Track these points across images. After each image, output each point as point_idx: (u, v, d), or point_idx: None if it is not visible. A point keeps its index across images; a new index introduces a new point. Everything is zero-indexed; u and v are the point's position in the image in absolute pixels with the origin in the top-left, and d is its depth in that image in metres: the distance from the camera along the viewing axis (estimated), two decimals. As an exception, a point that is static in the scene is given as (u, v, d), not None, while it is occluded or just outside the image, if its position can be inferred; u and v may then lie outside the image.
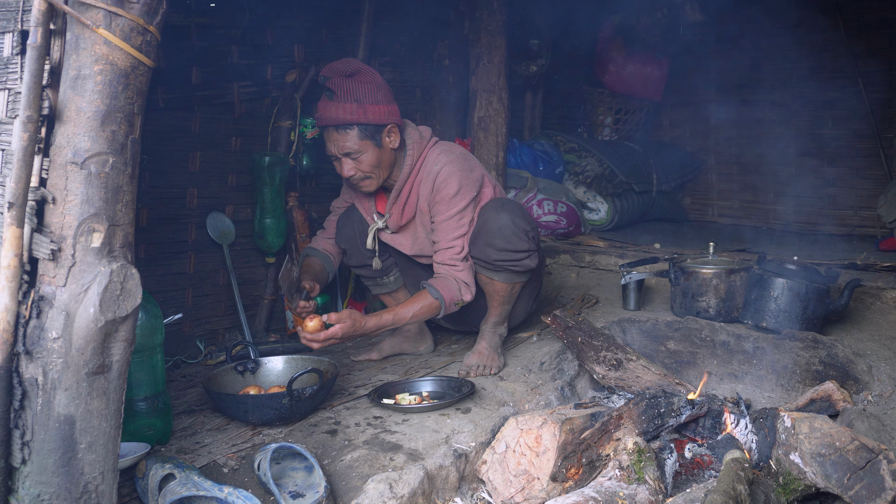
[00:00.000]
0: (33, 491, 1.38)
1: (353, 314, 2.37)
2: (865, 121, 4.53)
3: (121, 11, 1.38)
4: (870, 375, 2.46)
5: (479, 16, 3.89)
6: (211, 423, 2.24)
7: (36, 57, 1.34)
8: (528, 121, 4.84)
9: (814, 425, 1.81)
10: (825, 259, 3.42)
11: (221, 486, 1.72)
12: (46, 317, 1.37)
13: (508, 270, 2.56)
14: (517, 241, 2.50)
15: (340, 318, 2.34)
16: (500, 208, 2.52)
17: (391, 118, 2.49)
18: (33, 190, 1.36)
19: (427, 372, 2.67)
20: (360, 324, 2.38)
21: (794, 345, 2.59)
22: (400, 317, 2.48)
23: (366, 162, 2.50)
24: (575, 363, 2.68)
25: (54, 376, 1.37)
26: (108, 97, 1.39)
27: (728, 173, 5.09)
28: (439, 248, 2.57)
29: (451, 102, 3.99)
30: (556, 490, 1.90)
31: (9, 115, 1.46)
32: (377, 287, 2.89)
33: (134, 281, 1.42)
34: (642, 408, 2.08)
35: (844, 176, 4.66)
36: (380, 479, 1.82)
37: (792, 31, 4.60)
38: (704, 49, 4.85)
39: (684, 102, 5.19)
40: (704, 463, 2.02)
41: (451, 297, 2.52)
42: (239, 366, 2.43)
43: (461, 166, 2.56)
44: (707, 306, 2.89)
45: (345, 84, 2.44)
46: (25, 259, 1.37)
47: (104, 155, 1.39)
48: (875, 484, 1.66)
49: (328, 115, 2.45)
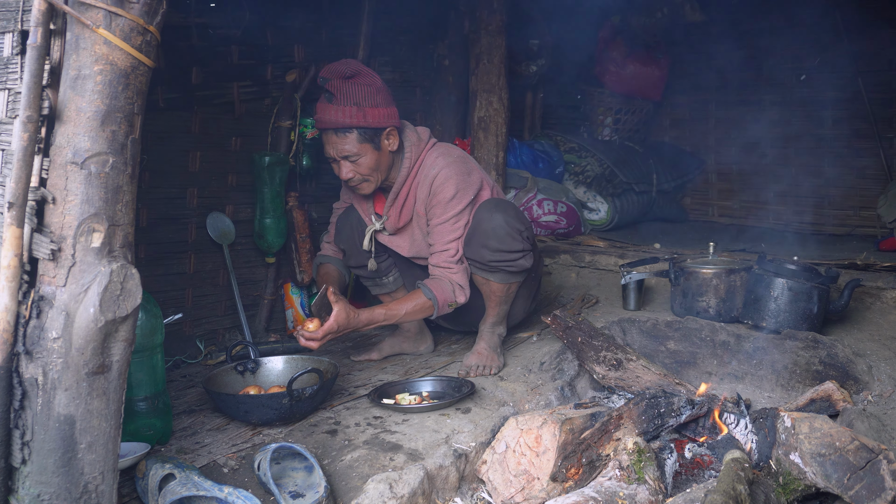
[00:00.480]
0: (33, 491, 1.38)
1: (346, 307, 2.39)
2: (865, 121, 4.53)
3: (121, 11, 1.38)
4: (870, 375, 2.46)
5: (479, 16, 3.89)
6: (211, 423, 2.24)
7: (36, 57, 1.34)
8: (528, 121, 4.84)
9: (814, 425, 1.81)
10: (825, 259, 3.42)
11: (221, 486, 1.72)
12: (46, 317, 1.37)
13: (503, 271, 2.56)
14: (511, 241, 2.50)
15: (335, 312, 2.36)
16: (494, 209, 2.52)
17: (390, 121, 2.49)
18: (33, 190, 1.36)
19: (427, 372, 2.67)
20: (352, 316, 2.40)
21: (794, 345, 2.59)
22: (392, 313, 2.50)
23: (364, 165, 2.50)
24: (575, 363, 2.68)
25: (54, 376, 1.37)
26: (108, 97, 1.39)
27: (728, 173, 5.09)
28: (434, 250, 2.58)
29: (451, 102, 3.99)
30: (556, 490, 1.90)
31: (9, 115, 1.46)
32: (376, 287, 2.89)
33: (134, 281, 1.42)
34: (642, 408, 2.08)
35: (844, 176, 4.65)
36: (380, 479, 1.82)
37: (792, 31, 4.61)
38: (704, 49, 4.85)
39: (684, 102, 5.19)
40: (704, 463, 2.02)
41: (444, 298, 2.53)
42: (239, 366, 2.43)
43: (458, 169, 2.56)
44: (707, 306, 2.89)
45: (344, 87, 2.43)
46: (25, 259, 1.37)
47: (104, 155, 1.39)
48: (875, 484, 1.66)
49: (327, 119, 2.45)
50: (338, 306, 2.37)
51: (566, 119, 5.14)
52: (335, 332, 2.37)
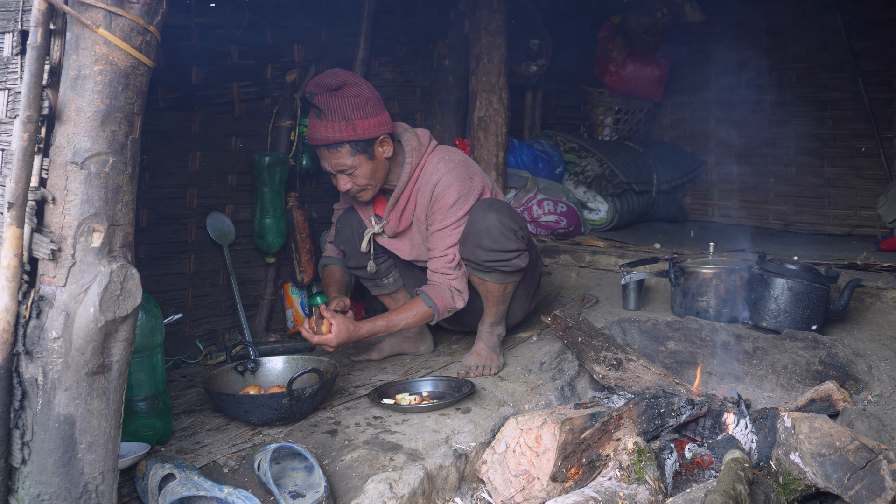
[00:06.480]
0: (33, 491, 1.38)
1: (345, 322, 2.40)
2: (865, 121, 4.53)
3: (121, 11, 1.38)
4: (870, 375, 2.46)
5: (479, 16, 3.89)
6: (211, 423, 2.24)
7: (36, 57, 1.34)
8: (528, 121, 4.84)
9: (814, 425, 1.81)
10: (825, 259, 3.41)
11: (221, 486, 1.72)
12: (46, 317, 1.37)
13: (499, 271, 2.56)
14: (506, 241, 2.50)
15: (335, 329, 2.38)
16: (488, 209, 2.52)
17: (381, 129, 2.48)
18: (33, 190, 1.36)
19: (427, 372, 2.67)
20: (353, 330, 2.42)
21: (794, 345, 2.59)
22: (393, 323, 2.52)
23: (360, 175, 2.50)
24: (575, 363, 2.68)
25: (54, 376, 1.37)
26: (108, 97, 1.39)
27: (728, 173, 5.09)
28: (433, 255, 2.59)
29: (451, 102, 3.99)
30: (556, 490, 1.90)
31: (9, 115, 1.46)
32: (376, 288, 2.89)
33: (134, 281, 1.42)
34: (642, 408, 2.08)
35: (844, 176, 4.66)
36: (380, 479, 1.82)
37: (792, 30, 4.61)
38: (704, 49, 4.85)
39: (684, 102, 5.19)
40: (704, 463, 2.02)
41: (444, 304, 2.55)
42: (239, 366, 2.43)
43: (460, 175, 2.56)
44: (707, 306, 2.89)
45: (331, 101, 2.41)
46: (25, 259, 1.37)
47: (104, 155, 1.39)
48: (875, 484, 1.66)
49: (318, 135, 2.45)
50: (336, 321, 2.38)
51: (566, 119, 5.14)
52: (334, 347, 2.40)
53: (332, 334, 2.37)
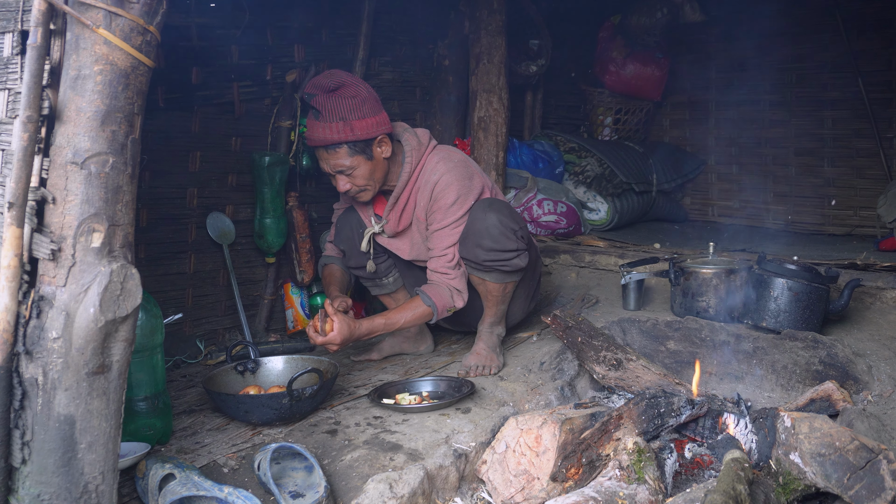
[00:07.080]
0: (33, 491, 1.38)
1: (346, 320, 2.41)
2: (865, 121, 4.53)
3: (121, 11, 1.38)
4: (870, 375, 2.46)
5: (479, 16, 3.89)
6: (211, 423, 2.24)
7: (36, 57, 1.34)
8: (528, 121, 4.84)
9: (814, 425, 1.81)
10: (825, 259, 3.41)
11: (221, 486, 1.72)
12: (46, 317, 1.37)
13: (499, 270, 2.56)
14: (505, 240, 2.50)
15: (336, 326, 2.39)
16: (488, 208, 2.52)
17: (379, 129, 2.48)
18: (33, 190, 1.36)
19: (427, 372, 2.67)
20: (353, 327, 2.43)
21: (794, 345, 2.59)
22: (392, 322, 2.53)
23: (359, 176, 2.51)
24: (575, 363, 2.68)
25: (54, 376, 1.37)
26: (108, 97, 1.39)
27: (728, 173, 5.09)
28: (433, 255, 2.59)
29: (451, 102, 3.99)
30: (556, 490, 1.90)
31: (9, 115, 1.46)
32: (376, 288, 2.89)
33: (134, 281, 1.42)
34: (642, 408, 2.08)
35: (844, 176, 4.66)
36: (380, 479, 1.82)
37: (792, 31, 4.60)
38: (704, 49, 4.85)
39: (684, 102, 5.19)
40: (704, 463, 2.02)
41: (443, 304, 2.55)
42: (239, 366, 2.43)
43: (460, 175, 2.56)
44: (707, 306, 2.89)
45: (329, 102, 2.42)
46: (25, 259, 1.37)
47: (104, 155, 1.39)
48: (875, 484, 1.66)
49: (316, 137, 2.46)
50: (338, 319, 2.39)
51: (566, 119, 5.14)
52: (337, 345, 2.41)
53: (334, 332, 2.38)
